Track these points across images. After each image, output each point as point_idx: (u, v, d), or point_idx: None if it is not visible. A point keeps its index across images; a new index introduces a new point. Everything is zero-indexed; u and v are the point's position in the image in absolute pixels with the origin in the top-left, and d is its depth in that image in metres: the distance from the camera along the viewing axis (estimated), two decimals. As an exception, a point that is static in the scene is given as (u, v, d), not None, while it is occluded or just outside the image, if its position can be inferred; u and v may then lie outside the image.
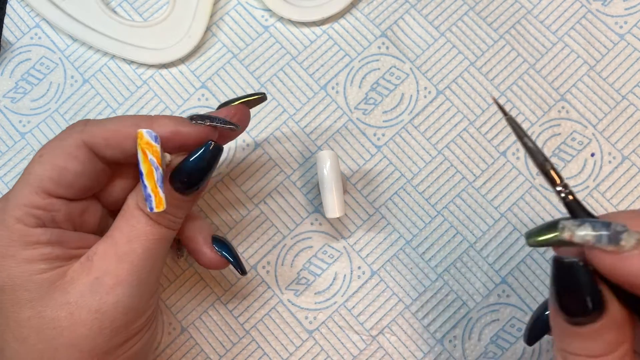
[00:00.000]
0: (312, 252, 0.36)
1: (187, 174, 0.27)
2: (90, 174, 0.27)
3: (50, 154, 0.27)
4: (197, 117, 0.28)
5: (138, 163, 0.26)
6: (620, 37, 0.37)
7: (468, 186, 0.36)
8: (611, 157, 0.36)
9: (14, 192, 0.26)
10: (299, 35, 0.38)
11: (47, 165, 0.26)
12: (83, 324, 0.25)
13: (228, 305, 0.35)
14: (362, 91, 0.37)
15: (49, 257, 0.26)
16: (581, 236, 0.21)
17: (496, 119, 0.37)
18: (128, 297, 0.26)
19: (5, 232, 0.26)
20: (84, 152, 0.27)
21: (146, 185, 0.26)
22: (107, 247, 0.27)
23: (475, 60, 0.37)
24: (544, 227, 0.23)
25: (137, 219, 0.27)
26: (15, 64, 0.38)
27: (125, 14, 0.39)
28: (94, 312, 0.25)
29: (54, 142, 0.27)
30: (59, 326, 0.25)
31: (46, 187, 0.26)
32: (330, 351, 0.35)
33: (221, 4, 0.39)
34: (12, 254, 0.25)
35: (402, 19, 0.38)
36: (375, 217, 0.36)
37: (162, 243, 0.28)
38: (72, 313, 0.25)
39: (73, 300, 0.25)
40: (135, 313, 0.27)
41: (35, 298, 0.25)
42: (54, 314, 0.25)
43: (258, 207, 0.36)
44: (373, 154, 0.37)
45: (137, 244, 0.27)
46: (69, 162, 0.26)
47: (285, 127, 0.37)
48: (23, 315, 0.25)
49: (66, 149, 0.26)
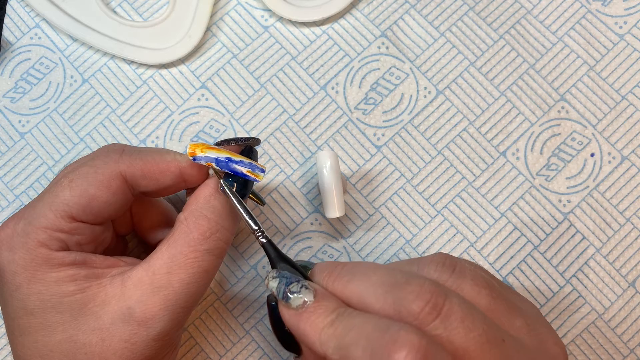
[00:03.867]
0: (312, 252, 0.36)
1: (240, 185, 0.28)
2: (120, 204, 0.27)
3: (82, 180, 0.26)
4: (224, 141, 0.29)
5: (215, 160, 0.27)
6: (620, 37, 0.37)
7: (468, 186, 0.36)
8: (611, 157, 0.36)
9: (36, 214, 0.26)
10: (298, 35, 0.38)
11: (77, 191, 0.26)
12: (114, 351, 0.25)
13: (228, 305, 0.35)
14: (362, 91, 0.37)
15: (77, 277, 0.25)
16: (272, 287, 0.24)
17: (496, 119, 0.37)
18: (159, 332, 0.26)
19: (29, 256, 0.25)
20: (118, 183, 0.26)
21: (240, 160, 0.27)
22: (143, 274, 0.26)
23: (475, 60, 0.37)
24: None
25: (179, 249, 0.26)
26: (15, 64, 0.38)
27: (125, 14, 0.39)
28: (124, 341, 0.25)
29: (87, 167, 0.26)
30: (90, 352, 0.25)
31: (73, 213, 0.26)
32: (330, 351, 0.35)
33: (221, 4, 0.39)
34: (41, 277, 0.25)
35: (402, 19, 0.38)
36: (375, 217, 0.36)
37: (203, 276, 0.26)
38: (104, 340, 0.25)
39: (105, 327, 0.25)
40: (165, 342, 0.27)
41: (67, 321, 0.25)
42: (85, 339, 0.25)
43: (258, 207, 0.36)
44: (373, 154, 0.37)
45: (176, 276, 0.26)
46: (102, 191, 0.26)
47: (285, 127, 0.37)
48: (54, 339, 0.25)
49: (100, 177, 0.26)
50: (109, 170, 0.26)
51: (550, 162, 0.36)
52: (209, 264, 0.27)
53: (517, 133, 0.36)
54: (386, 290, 0.23)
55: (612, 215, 0.35)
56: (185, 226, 0.26)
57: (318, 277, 0.25)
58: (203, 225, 0.26)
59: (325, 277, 0.24)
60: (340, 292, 0.24)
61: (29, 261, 0.25)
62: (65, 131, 0.37)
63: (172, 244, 0.26)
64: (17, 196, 0.36)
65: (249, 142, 0.29)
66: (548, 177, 0.36)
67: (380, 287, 0.23)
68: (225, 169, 0.27)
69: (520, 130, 0.36)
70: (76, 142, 0.37)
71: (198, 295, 0.27)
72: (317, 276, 0.25)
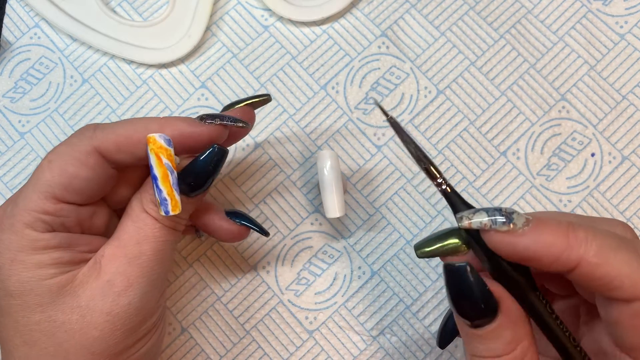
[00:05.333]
0: (312, 252, 0.36)
1: (193, 176, 0.27)
2: (100, 180, 0.27)
3: (60, 160, 0.26)
4: (207, 116, 0.28)
5: (151, 167, 0.26)
6: (621, 37, 0.37)
7: (468, 186, 0.36)
8: (611, 157, 0.36)
9: (22, 197, 0.26)
10: (299, 35, 0.38)
11: (57, 171, 0.26)
12: (95, 326, 0.25)
13: (228, 305, 0.35)
14: (362, 91, 0.37)
15: (59, 261, 0.26)
16: (478, 222, 0.23)
17: (497, 119, 0.37)
18: (139, 299, 0.26)
19: (15, 237, 0.25)
20: (95, 159, 0.26)
21: (161, 189, 0.26)
22: (115, 249, 0.27)
23: (476, 60, 0.37)
24: (431, 238, 0.25)
25: (143, 222, 0.27)
26: (14, 64, 0.38)
27: (125, 14, 0.39)
28: (105, 314, 0.26)
29: (63, 147, 0.27)
30: (70, 329, 0.25)
31: (56, 193, 0.26)
32: (330, 351, 0.35)
33: (221, 4, 0.38)
34: (22, 259, 0.25)
35: (402, 19, 0.38)
36: (375, 217, 0.36)
37: (169, 244, 0.28)
38: (84, 316, 0.25)
39: (84, 304, 0.26)
40: (145, 313, 0.27)
41: (46, 302, 0.25)
42: (65, 318, 0.25)
43: (258, 207, 0.36)
44: (373, 154, 0.37)
45: (147, 246, 0.27)
46: (80, 168, 0.26)
47: (285, 127, 0.37)
48: (33, 319, 0.25)
49: (76, 155, 0.26)
50: (84, 147, 0.26)
51: (550, 162, 0.36)
52: (174, 234, 0.28)
53: (517, 133, 0.36)
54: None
55: (612, 215, 0.35)
56: (142, 203, 0.27)
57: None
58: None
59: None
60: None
61: (15, 242, 0.25)
62: (65, 131, 0.37)
63: (135, 220, 0.27)
64: (17, 196, 0.36)
65: (235, 125, 0.28)
66: (549, 177, 0.36)
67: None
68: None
69: (520, 130, 0.36)
70: (76, 142, 0.37)
71: (169, 260, 0.28)
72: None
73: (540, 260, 0.22)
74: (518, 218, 0.23)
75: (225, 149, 0.27)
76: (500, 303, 0.23)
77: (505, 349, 0.22)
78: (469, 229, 0.23)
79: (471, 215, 0.23)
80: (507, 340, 0.22)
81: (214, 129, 0.27)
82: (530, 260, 0.23)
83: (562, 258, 0.22)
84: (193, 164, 0.27)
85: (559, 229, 0.22)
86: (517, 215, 0.23)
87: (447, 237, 0.25)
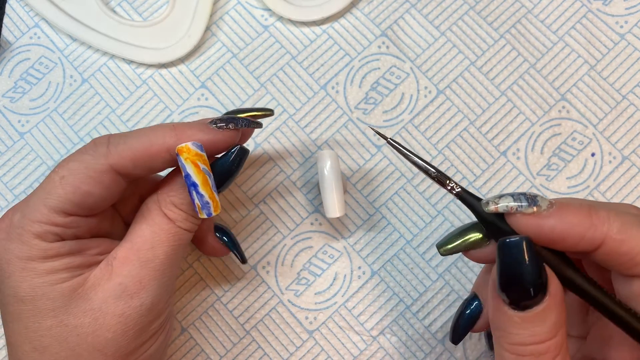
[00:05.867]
0: (312, 252, 0.36)
1: (218, 176, 0.27)
2: (114, 195, 0.27)
3: (73, 177, 0.26)
4: (219, 120, 0.28)
5: (187, 176, 0.26)
6: (621, 37, 0.37)
7: (468, 186, 0.36)
8: (611, 157, 0.36)
9: (30, 208, 0.26)
10: (298, 35, 0.38)
11: (69, 189, 0.26)
12: (107, 328, 0.26)
13: (228, 305, 0.35)
14: (362, 91, 0.37)
15: (70, 265, 0.26)
16: (504, 206, 0.23)
17: (497, 118, 0.37)
18: (150, 300, 0.27)
19: (25, 247, 0.25)
20: (110, 176, 0.26)
21: (202, 194, 0.26)
22: (128, 252, 0.27)
23: (476, 60, 0.37)
24: (452, 235, 0.26)
25: (159, 226, 0.27)
26: (14, 64, 0.38)
27: (124, 14, 0.39)
28: (117, 316, 0.26)
29: (77, 163, 0.26)
30: (83, 332, 0.25)
31: (67, 209, 0.26)
32: (330, 351, 0.35)
33: (221, 4, 0.38)
34: (33, 266, 0.25)
35: (402, 19, 0.38)
36: (375, 217, 0.36)
37: (181, 248, 0.28)
38: (97, 319, 0.26)
39: (97, 306, 0.26)
40: (155, 313, 0.27)
41: (58, 306, 0.25)
42: (77, 321, 0.25)
43: (258, 207, 0.36)
44: (373, 153, 0.37)
45: (160, 250, 0.27)
46: (94, 187, 0.26)
47: (285, 127, 0.37)
48: (44, 325, 0.25)
49: (91, 174, 0.26)
50: (99, 166, 0.26)
51: (550, 161, 0.36)
52: (188, 236, 0.28)
53: (517, 133, 0.36)
54: None
55: (612, 215, 0.35)
56: (160, 205, 0.28)
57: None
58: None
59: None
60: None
61: (25, 252, 0.25)
62: (65, 131, 0.37)
63: (151, 224, 0.27)
64: (16, 196, 0.36)
65: (249, 127, 0.29)
66: (549, 177, 0.36)
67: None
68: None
69: (520, 130, 0.36)
70: (76, 142, 0.37)
71: (180, 262, 0.29)
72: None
73: (566, 241, 0.23)
74: (542, 201, 0.23)
75: (247, 149, 0.28)
76: (549, 283, 0.22)
77: (550, 333, 0.22)
78: (496, 212, 0.24)
79: (497, 200, 0.24)
80: (552, 322, 0.22)
81: (229, 135, 0.28)
82: (557, 241, 0.23)
83: (587, 236, 0.22)
84: (219, 165, 0.28)
85: (582, 209, 0.23)
86: (541, 198, 0.23)
87: (468, 232, 0.26)
